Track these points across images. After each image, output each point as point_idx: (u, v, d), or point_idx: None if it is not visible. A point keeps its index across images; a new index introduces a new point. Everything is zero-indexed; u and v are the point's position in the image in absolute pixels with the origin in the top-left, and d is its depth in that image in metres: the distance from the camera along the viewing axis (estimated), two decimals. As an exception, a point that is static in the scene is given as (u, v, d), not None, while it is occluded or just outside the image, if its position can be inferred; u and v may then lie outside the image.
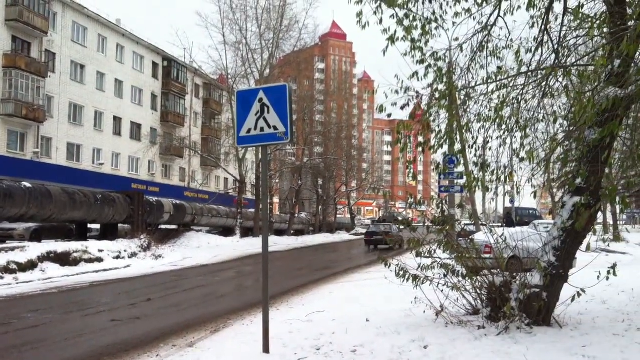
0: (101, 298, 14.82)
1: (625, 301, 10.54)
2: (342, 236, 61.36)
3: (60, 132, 42.19)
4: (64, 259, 20.85)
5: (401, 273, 8.78)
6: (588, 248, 9.54)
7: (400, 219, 9.97)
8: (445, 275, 8.74)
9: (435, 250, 9.22)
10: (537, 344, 7.08)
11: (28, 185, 23.01)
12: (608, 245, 13.30)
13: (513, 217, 38.19)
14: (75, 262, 21.25)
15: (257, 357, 7.32)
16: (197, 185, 57.47)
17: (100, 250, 23.19)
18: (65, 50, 42.71)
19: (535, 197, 11.00)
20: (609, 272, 7.72)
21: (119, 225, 29.84)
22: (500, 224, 35.51)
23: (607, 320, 8.66)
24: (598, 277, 7.80)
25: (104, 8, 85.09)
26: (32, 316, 11.83)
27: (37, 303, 13.81)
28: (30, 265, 19.16)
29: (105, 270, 21.36)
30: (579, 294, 7.90)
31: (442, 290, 8.69)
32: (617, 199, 8.25)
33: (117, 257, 23.78)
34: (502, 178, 9.27)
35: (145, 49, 52.64)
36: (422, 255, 9.37)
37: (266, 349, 7.42)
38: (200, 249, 32.84)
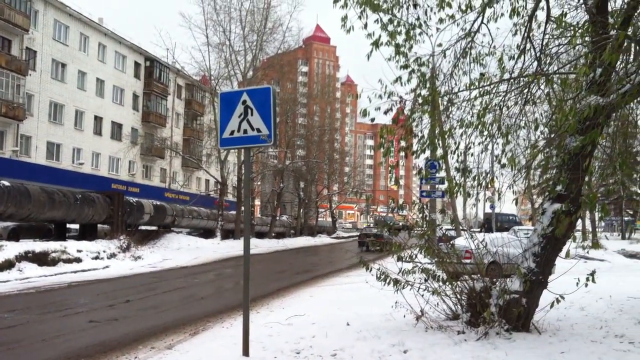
0: (79, 299, 14.66)
1: (603, 308, 10.64)
2: (323, 239, 61.33)
3: (40, 131, 41.75)
4: (42, 259, 20.64)
5: (382, 277, 8.80)
6: (567, 255, 9.61)
7: (390, 223, 10.02)
8: (425, 280, 8.77)
9: (416, 255, 9.25)
10: (516, 349, 7.12)
11: (6, 183, 22.72)
12: (587, 252, 13.43)
13: (491, 224, 38.35)
14: (54, 262, 21.04)
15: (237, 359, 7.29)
16: (177, 186, 57.14)
17: (79, 251, 22.98)
18: (47, 48, 42.29)
19: (516, 204, 11.08)
20: (587, 279, 7.79)
21: (99, 225, 29.59)
22: (479, 229, 35.69)
23: (585, 327, 8.73)
24: (577, 283, 7.87)
25: (86, 7, 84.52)
26: (8, 316, 11.68)
27: (14, 303, 13.64)
28: (8, 265, 18.93)
29: (83, 270, 21.17)
30: (558, 301, 7.95)
31: (422, 295, 8.72)
32: (597, 206, 8.34)
33: (96, 258, 23.57)
34: (484, 184, 9.32)
35: (127, 48, 52.30)
36: (403, 259, 9.40)
37: (246, 352, 7.39)
38: (180, 250, 32.65)
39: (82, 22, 46.25)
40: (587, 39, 8.50)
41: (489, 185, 9.84)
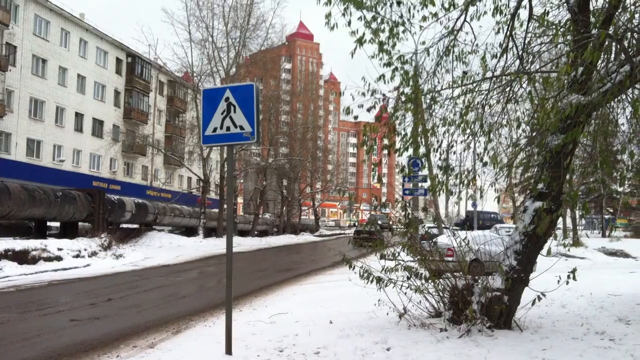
0: (60, 297, 14.53)
1: (584, 305, 10.73)
2: (306, 237, 61.31)
3: (20, 128, 41.34)
4: (22, 257, 20.41)
5: (365, 275, 8.82)
6: (549, 252, 9.69)
7: (380, 222, 10.07)
8: (408, 278, 8.80)
9: (399, 253, 9.28)
10: (498, 346, 7.16)
11: (-15, 181, 22.47)
12: (568, 250, 13.59)
13: (472, 221, 38.53)
14: (34, 261, 20.82)
15: (219, 358, 7.26)
16: (159, 184, 56.84)
17: (60, 249, 22.75)
18: (27, 43, 41.86)
19: (498, 202, 11.16)
20: (568, 277, 7.85)
21: (80, 223, 29.32)
22: (461, 227, 35.91)
23: (566, 324, 8.80)
24: (558, 281, 7.94)
25: (67, 2, 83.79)
26: (-13, 315, 11.55)
27: (-7, 302, 13.49)
28: (-13, 263, 18.72)
29: (64, 269, 20.97)
30: (539, 298, 8.02)
31: (405, 293, 8.76)
32: (578, 204, 8.41)
33: (77, 256, 23.36)
34: (466, 182, 9.36)
35: (109, 44, 51.93)
36: (386, 257, 9.43)
37: (228, 351, 7.37)
38: (162, 248, 32.48)
39: (63, 17, 45.85)
40: (568, 37, 8.56)
41: (471, 183, 9.90)
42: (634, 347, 7.11)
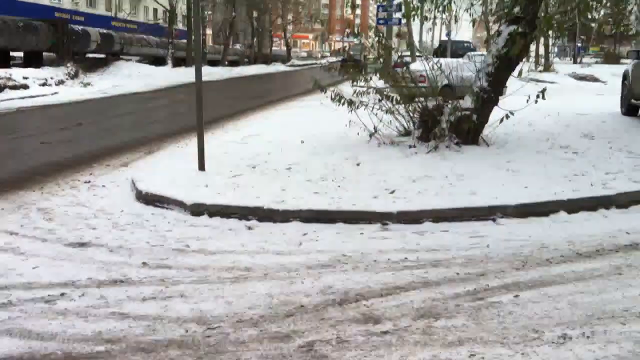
0: (29, 123, 14.41)
1: (551, 124, 11.00)
2: (277, 67, 60.60)
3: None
4: (-15, 86, 19.97)
5: (337, 98, 8.86)
6: (520, 74, 9.77)
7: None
8: (380, 100, 8.88)
9: (371, 78, 9.31)
10: (464, 160, 7.41)
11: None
12: (539, 71, 13.72)
13: (446, 50, 38.13)
14: (-1, 89, 20.40)
15: (193, 173, 7.37)
16: (124, 15, 54.72)
17: (25, 77, 22.20)
18: None
19: (473, 25, 11.06)
20: (538, 96, 7.98)
21: (45, 54, 28.47)
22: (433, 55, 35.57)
23: (532, 140, 9.07)
24: (527, 100, 8.05)
25: None
26: (-44, 139, 11.47)
27: (-39, 127, 13.34)
28: (-49, 91, 18.31)
29: (31, 96, 20.54)
30: (507, 116, 8.17)
31: (376, 114, 8.87)
32: (554, 27, 8.37)
33: (44, 84, 22.87)
34: (441, 8, 9.23)
35: None
36: (359, 81, 9.47)
37: (202, 167, 7.47)
38: (130, 77, 31.86)
39: None
40: None
41: (446, 9, 9.74)
42: (596, 158, 7.42)
